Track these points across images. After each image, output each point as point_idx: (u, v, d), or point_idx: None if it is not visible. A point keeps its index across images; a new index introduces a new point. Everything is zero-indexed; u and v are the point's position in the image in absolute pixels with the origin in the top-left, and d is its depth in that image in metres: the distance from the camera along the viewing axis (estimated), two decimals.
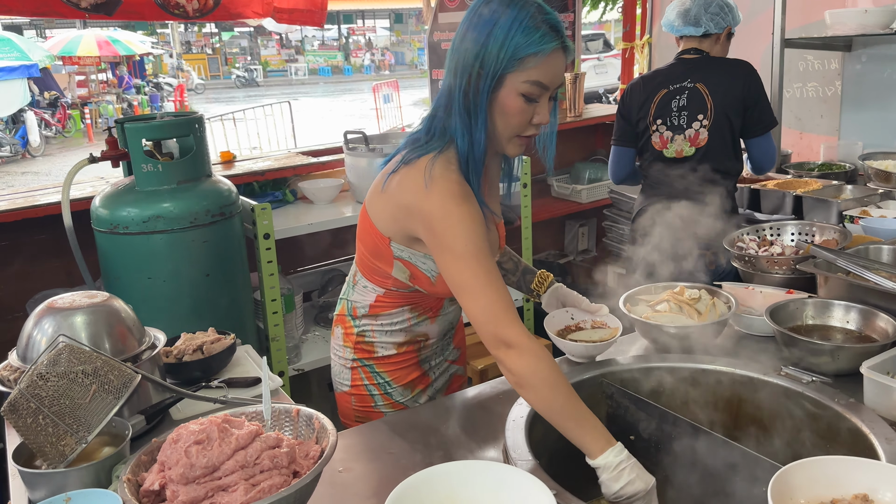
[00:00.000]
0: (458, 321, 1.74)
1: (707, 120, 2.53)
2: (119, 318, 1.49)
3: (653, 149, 2.63)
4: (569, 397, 1.25)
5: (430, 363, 1.68)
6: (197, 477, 1.05)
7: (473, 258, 1.31)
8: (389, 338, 1.61)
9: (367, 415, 1.65)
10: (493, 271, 1.33)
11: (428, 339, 1.64)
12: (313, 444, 1.20)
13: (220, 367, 1.71)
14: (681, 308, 1.67)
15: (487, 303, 1.30)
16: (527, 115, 1.36)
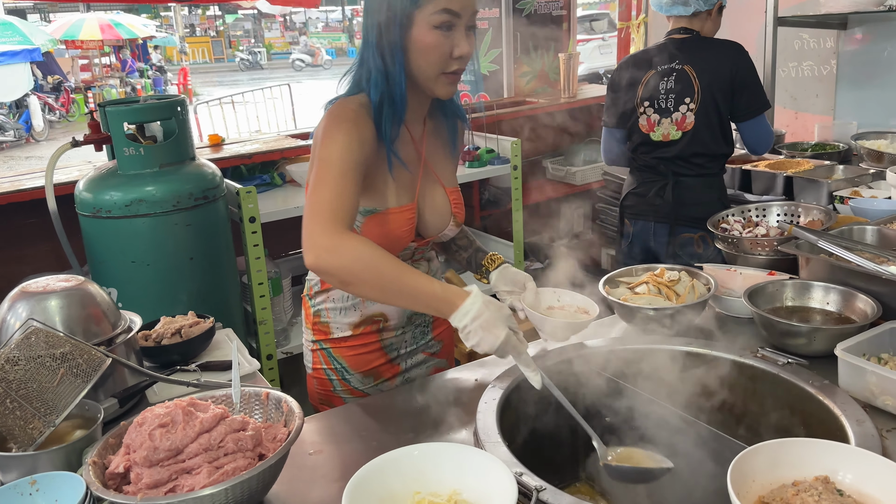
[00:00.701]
0: None
1: (694, 103, 2.50)
2: (93, 301, 1.49)
3: (640, 131, 2.61)
4: (400, 275, 1.25)
5: (398, 351, 1.66)
6: (161, 460, 1.05)
7: (328, 163, 1.31)
8: (343, 317, 1.60)
9: (328, 399, 1.66)
10: (343, 178, 1.30)
11: (388, 321, 1.62)
12: (281, 427, 1.20)
13: (198, 351, 1.71)
14: (659, 290, 1.66)
15: (316, 201, 1.29)
16: (444, 48, 1.35)
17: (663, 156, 2.56)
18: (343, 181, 1.31)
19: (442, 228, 1.57)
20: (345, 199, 1.30)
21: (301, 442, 1.31)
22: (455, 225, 1.60)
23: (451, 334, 1.75)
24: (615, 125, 2.71)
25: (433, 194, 1.55)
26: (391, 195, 1.49)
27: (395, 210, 1.49)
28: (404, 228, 1.50)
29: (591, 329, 1.71)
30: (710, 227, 2.01)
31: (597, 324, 1.74)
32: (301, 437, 1.32)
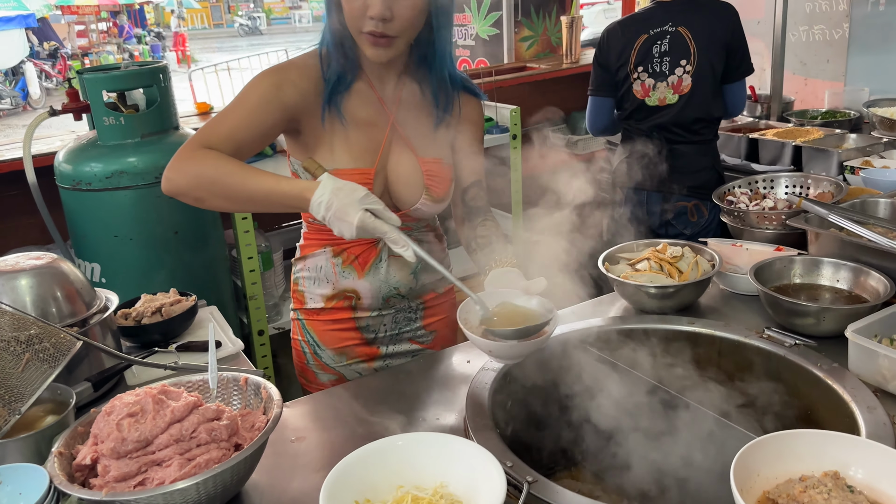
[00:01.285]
0: (430, 296, 1.63)
1: (690, 66, 2.41)
2: (66, 280, 1.43)
3: (633, 97, 2.53)
4: (244, 179, 1.26)
5: (375, 333, 1.60)
6: (129, 451, 1.00)
7: (230, 107, 1.34)
8: (317, 288, 1.56)
9: (304, 372, 1.65)
10: (232, 113, 1.33)
11: (360, 299, 1.55)
12: (260, 415, 1.15)
13: (180, 330, 1.65)
14: (661, 267, 1.60)
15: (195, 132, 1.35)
16: (355, 5, 1.30)
17: (659, 122, 2.48)
18: (231, 114, 1.33)
19: (413, 201, 1.48)
20: (222, 128, 1.32)
21: (283, 427, 1.26)
22: (431, 200, 1.48)
23: (447, 325, 1.67)
24: (604, 93, 2.62)
25: (401, 162, 1.46)
26: (343, 155, 1.42)
27: (346, 171, 1.41)
28: None
29: (589, 308, 1.65)
30: (715, 199, 1.94)
31: (595, 302, 1.69)
32: (283, 422, 1.27)
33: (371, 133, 1.44)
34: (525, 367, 1.40)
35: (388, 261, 1.53)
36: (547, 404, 1.47)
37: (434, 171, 1.48)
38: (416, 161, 1.46)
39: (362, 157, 1.43)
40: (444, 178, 1.50)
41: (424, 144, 1.48)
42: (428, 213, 1.52)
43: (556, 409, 1.48)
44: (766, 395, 1.33)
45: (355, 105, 1.42)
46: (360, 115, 1.43)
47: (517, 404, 1.39)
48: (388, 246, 1.51)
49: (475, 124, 1.56)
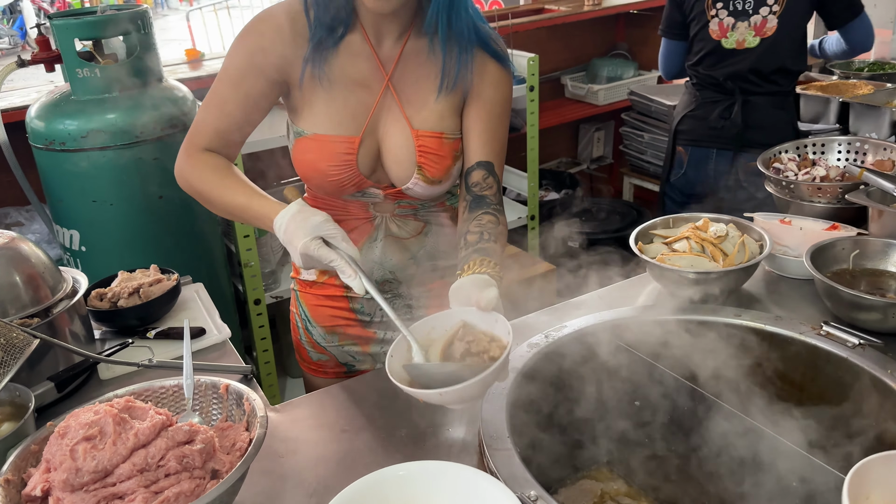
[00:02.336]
0: (436, 284, 1.46)
1: (778, 5, 2.18)
2: (26, 263, 1.28)
3: (708, 37, 2.30)
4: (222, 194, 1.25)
5: (371, 317, 1.46)
6: (85, 483, 0.86)
7: (216, 79, 1.26)
8: None
9: (298, 347, 1.56)
10: (216, 96, 1.26)
11: None
12: (242, 431, 1.01)
13: (160, 314, 1.50)
14: (703, 248, 1.43)
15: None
16: None
17: (733, 68, 2.25)
18: (213, 103, 1.26)
19: (405, 179, 1.29)
20: (208, 124, 1.27)
21: (272, 437, 1.12)
22: (425, 181, 1.28)
23: None
24: (676, 36, 2.39)
25: (393, 132, 1.28)
26: (325, 119, 1.26)
27: (326, 138, 1.25)
28: (335, 164, 1.26)
29: (617, 292, 1.50)
30: (760, 165, 1.75)
31: (625, 285, 1.53)
32: (273, 430, 1.14)
33: (361, 95, 1.25)
34: (548, 365, 1.25)
35: (384, 241, 1.38)
36: (572, 403, 1.33)
37: (430, 146, 1.27)
38: (408, 132, 1.27)
39: (347, 123, 1.26)
40: (443, 155, 1.28)
41: (423, 114, 1.27)
42: (424, 195, 1.33)
43: (581, 409, 1.34)
44: (824, 405, 1.18)
45: (345, 61, 1.24)
46: (351, 74, 1.24)
47: (540, 404, 1.25)
48: (386, 224, 1.36)
49: (496, 95, 1.30)
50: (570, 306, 1.44)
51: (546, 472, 1.31)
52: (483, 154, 1.28)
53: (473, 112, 1.29)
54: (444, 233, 1.41)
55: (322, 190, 1.33)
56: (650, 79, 4.00)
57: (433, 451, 1.07)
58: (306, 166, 1.29)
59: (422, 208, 1.38)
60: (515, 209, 3.16)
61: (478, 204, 1.25)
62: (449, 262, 1.43)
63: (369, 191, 1.32)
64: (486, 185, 1.27)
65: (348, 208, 1.36)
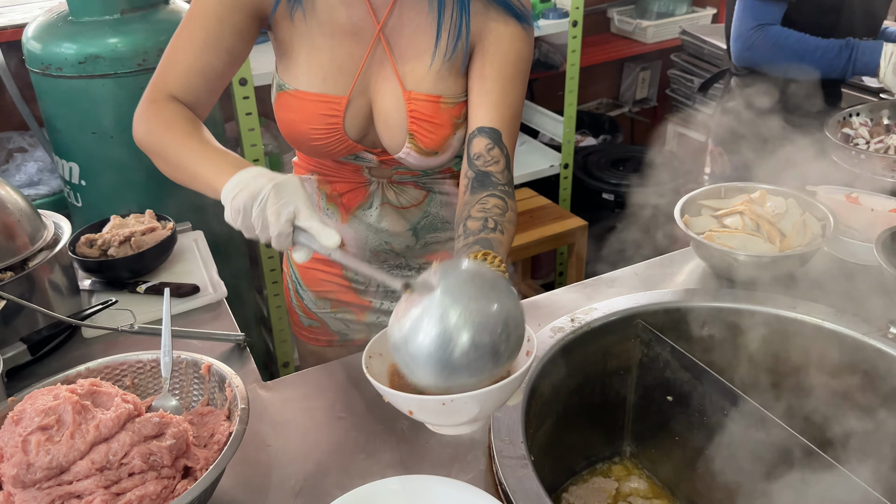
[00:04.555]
0: (440, 256, 1.34)
1: None
2: (1, 209, 1.17)
3: None
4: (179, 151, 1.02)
5: (366, 286, 1.35)
6: (37, 480, 0.78)
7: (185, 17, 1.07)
8: None
9: (290, 310, 1.47)
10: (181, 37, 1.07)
11: (344, 246, 1.28)
12: (223, 419, 0.92)
13: (153, 266, 1.41)
14: (758, 226, 1.28)
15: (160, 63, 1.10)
16: None
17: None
18: (183, 39, 1.07)
19: (396, 148, 1.14)
20: (177, 64, 1.07)
21: (260, 421, 1.03)
22: (417, 151, 1.13)
23: None
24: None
25: (383, 92, 1.11)
26: (308, 72, 1.10)
27: (309, 97, 1.11)
28: (319, 127, 1.11)
29: (655, 268, 1.36)
30: (828, 132, 1.58)
31: (664, 260, 1.39)
32: (263, 411, 1.05)
33: (349, 46, 1.09)
34: (573, 352, 1.14)
35: (381, 209, 1.25)
36: (593, 393, 1.22)
37: (424, 112, 1.10)
38: (399, 94, 1.10)
39: (334, 79, 1.10)
40: (439, 123, 1.11)
41: (417, 72, 1.10)
42: (420, 166, 1.18)
43: (601, 399, 1.24)
44: (886, 418, 1.05)
45: (332, 4, 1.07)
46: (337, 18, 1.08)
47: (559, 395, 1.14)
48: (383, 190, 1.23)
49: (509, 52, 1.10)
50: (601, 283, 1.32)
51: (558, 465, 1.21)
52: (488, 119, 1.08)
53: (479, 70, 1.09)
54: (448, 202, 1.28)
55: (308, 152, 1.20)
56: (704, 17, 3.72)
57: (437, 450, 0.97)
58: (287, 126, 1.15)
59: (423, 175, 1.24)
60: (547, 156, 2.99)
61: (482, 183, 1.06)
62: (448, 234, 1.31)
63: (362, 154, 1.18)
64: (491, 157, 1.07)
65: (341, 170, 1.24)
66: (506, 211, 1.02)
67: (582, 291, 1.29)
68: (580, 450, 1.25)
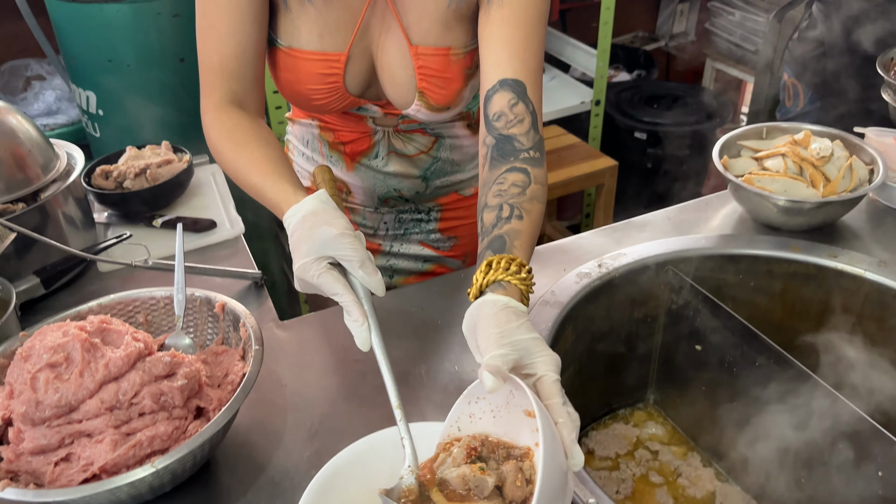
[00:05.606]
0: (450, 198, 1.29)
1: None
2: (12, 139, 1.15)
3: None
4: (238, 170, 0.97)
5: (375, 230, 1.30)
6: (47, 418, 0.77)
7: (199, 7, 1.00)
8: (305, 162, 1.27)
9: None
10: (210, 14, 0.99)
11: (351, 194, 1.25)
12: (237, 359, 0.90)
13: (170, 199, 1.39)
14: (801, 169, 1.21)
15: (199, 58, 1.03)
16: None
17: None
18: (206, 32, 1.00)
19: (405, 105, 1.07)
20: (210, 48, 1.00)
21: (276, 361, 1.02)
22: (428, 108, 1.05)
23: (473, 230, 1.33)
24: None
25: (387, 47, 1.03)
26: (302, 28, 1.02)
27: (305, 55, 1.03)
28: (318, 86, 1.04)
29: (689, 213, 1.31)
30: (879, 67, 1.48)
31: (699, 204, 1.34)
32: (279, 351, 1.03)
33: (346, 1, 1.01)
34: (599, 299, 1.10)
35: (388, 158, 1.19)
36: (619, 340, 1.19)
37: (433, 67, 1.02)
38: (405, 49, 1.02)
39: (331, 35, 1.01)
40: (450, 77, 1.03)
41: (423, 24, 1.00)
42: (430, 121, 1.11)
43: (629, 346, 1.20)
44: None
45: None
46: None
47: (583, 339, 1.12)
48: (389, 139, 1.17)
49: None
50: (631, 227, 1.27)
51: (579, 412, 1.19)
52: (511, 70, 0.94)
53: (495, 14, 0.96)
54: (458, 145, 1.22)
55: (308, 110, 1.14)
56: None
57: (456, 396, 0.95)
58: (284, 85, 1.08)
59: (438, 126, 1.18)
60: (578, 91, 2.89)
61: (502, 152, 0.91)
62: (466, 174, 1.26)
63: (366, 106, 1.12)
64: (515, 116, 0.92)
65: (343, 120, 1.17)
66: (527, 186, 0.88)
67: (611, 236, 1.25)
68: (602, 397, 1.23)
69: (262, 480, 0.84)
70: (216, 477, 0.84)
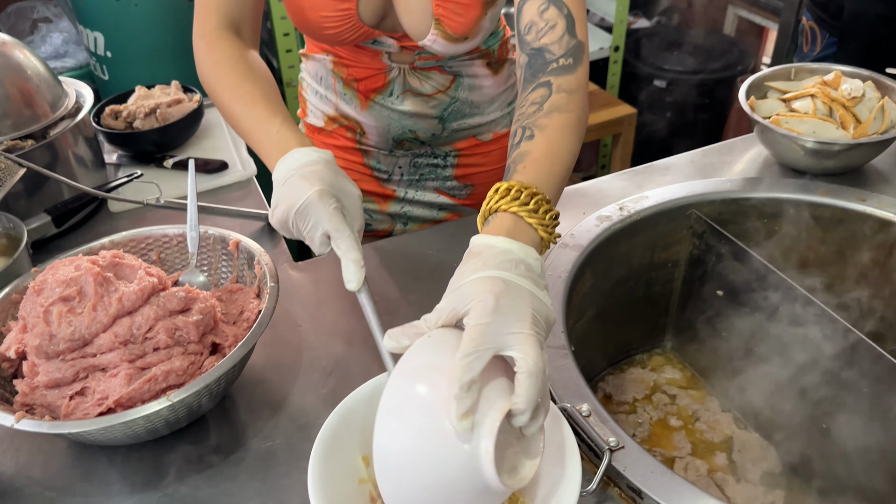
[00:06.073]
0: (468, 142, 1.25)
1: None
2: (20, 74, 1.13)
3: None
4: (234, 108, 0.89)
5: (388, 175, 1.27)
6: (61, 352, 0.76)
7: None
8: (318, 101, 1.23)
9: None
10: None
11: (365, 135, 1.21)
12: (252, 297, 0.89)
13: (180, 140, 1.37)
14: (831, 111, 1.18)
15: None
16: None
17: None
18: None
19: (421, 35, 1.01)
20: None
21: (291, 301, 1.01)
22: (445, 38, 1.00)
23: (490, 178, 1.29)
24: None
25: None
26: None
27: None
28: (329, 15, 0.99)
29: (713, 156, 1.28)
30: None
31: (725, 146, 1.31)
32: (294, 292, 1.03)
33: None
34: (619, 243, 1.08)
35: (403, 97, 1.14)
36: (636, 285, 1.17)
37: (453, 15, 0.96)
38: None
39: None
40: (468, 4, 0.97)
41: None
42: (447, 53, 1.05)
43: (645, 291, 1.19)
44: None
45: None
46: None
47: (602, 285, 1.10)
48: (405, 76, 1.12)
49: None
50: (653, 170, 1.24)
51: (596, 357, 1.18)
52: None
53: None
54: (477, 85, 1.17)
55: (321, 41, 1.09)
56: None
57: None
58: (295, 14, 1.03)
59: (450, 59, 1.13)
60: (597, 38, 2.82)
61: (533, 69, 0.82)
62: (485, 117, 1.22)
63: (381, 39, 1.07)
64: (545, 22, 0.83)
65: (357, 55, 1.12)
66: (546, 99, 0.79)
67: (632, 179, 1.22)
68: (619, 342, 1.22)
69: (279, 417, 0.83)
70: (233, 414, 0.84)
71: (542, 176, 0.72)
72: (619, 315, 1.16)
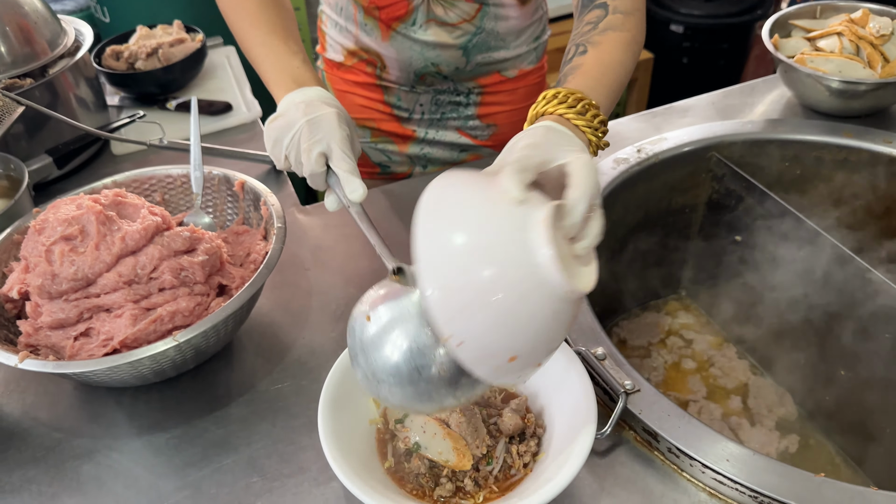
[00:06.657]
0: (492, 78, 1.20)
1: None
2: (16, 10, 1.10)
3: None
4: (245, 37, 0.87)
5: (409, 113, 1.22)
6: (64, 292, 0.75)
7: None
8: (337, 34, 1.18)
9: None
10: None
11: (385, 69, 1.16)
12: (259, 239, 0.87)
13: (184, 81, 1.33)
14: (858, 49, 1.13)
15: None
16: None
17: None
18: None
19: None
20: None
21: (299, 245, 0.99)
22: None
23: (513, 118, 1.25)
24: None
25: None
26: None
27: None
28: None
29: (734, 97, 1.24)
30: None
31: (745, 88, 1.27)
32: (302, 236, 1.01)
33: None
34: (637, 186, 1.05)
35: (426, 26, 1.09)
36: (656, 231, 1.15)
37: None
38: None
39: None
40: None
41: None
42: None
43: (666, 237, 1.17)
44: None
45: None
46: None
47: (619, 229, 1.07)
48: (429, 5, 1.07)
49: None
50: (672, 112, 1.20)
51: (612, 302, 1.17)
52: None
53: None
54: (504, 15, 1.12)
55: None
56: None
57: None
58: None
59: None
60: None
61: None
62: (511, 51, 1.17)
63: None
64: None
65: None
66: (602, 18, 0.77)
67: (650, 121, 1.18)
68: (635, 288, 1.20)
69: (288, 359, 0.82)
70: (241, 356, 0.83)
71: (591, 83, 0.71)
72: (635, 260, 1.14)
